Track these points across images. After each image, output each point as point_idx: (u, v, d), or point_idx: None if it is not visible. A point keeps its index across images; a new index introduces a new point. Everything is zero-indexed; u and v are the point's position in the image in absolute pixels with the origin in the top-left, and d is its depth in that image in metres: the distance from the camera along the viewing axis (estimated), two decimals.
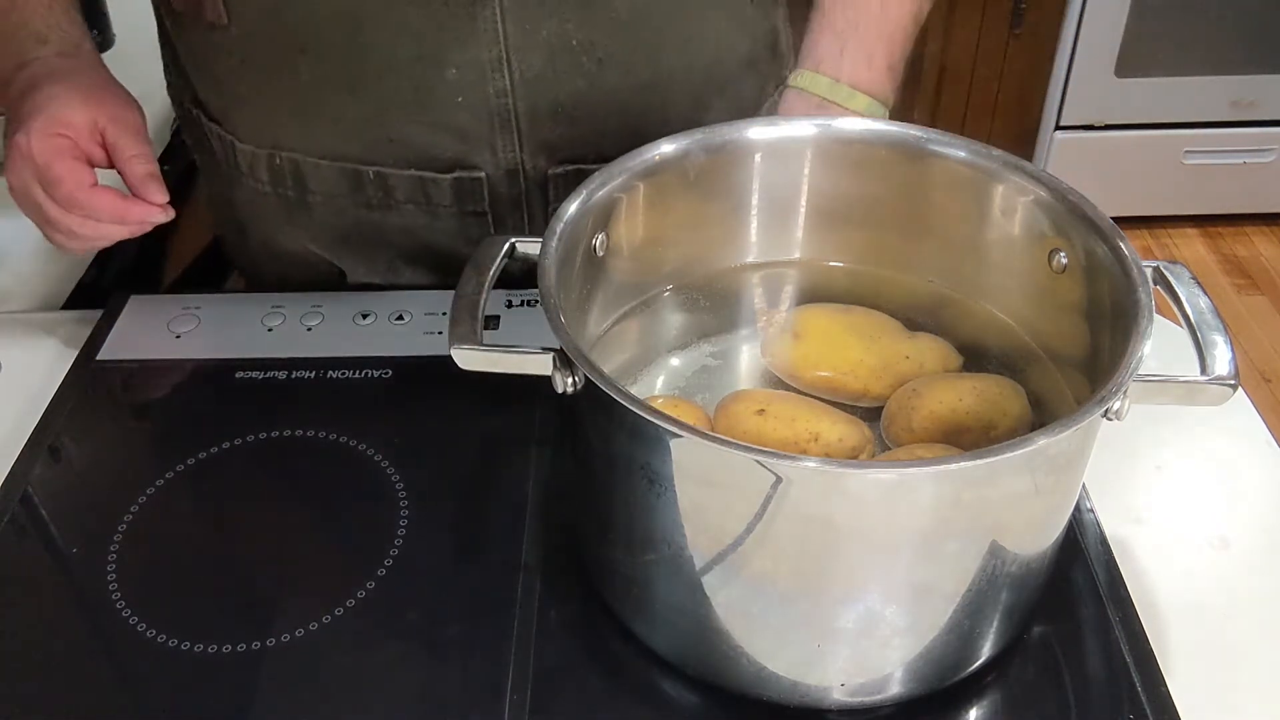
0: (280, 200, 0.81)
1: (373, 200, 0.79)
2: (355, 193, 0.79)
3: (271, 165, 0.79)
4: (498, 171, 0.78)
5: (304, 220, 0.82)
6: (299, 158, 0.78)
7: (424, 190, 0.78)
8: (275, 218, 0.83)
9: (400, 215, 0.80)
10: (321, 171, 0.78)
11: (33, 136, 0.69)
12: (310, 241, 0.84)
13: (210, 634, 0.59)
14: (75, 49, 0.76)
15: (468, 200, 0.79)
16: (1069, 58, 2.21)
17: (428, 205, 0.79)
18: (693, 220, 0.66)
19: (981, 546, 0.51)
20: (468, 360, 0.54)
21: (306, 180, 0.79)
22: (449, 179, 0.78)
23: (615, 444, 0.52)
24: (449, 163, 0.77)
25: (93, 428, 0.72)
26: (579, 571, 0.62)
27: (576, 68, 0.74)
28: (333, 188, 0.79)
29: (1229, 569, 0.65)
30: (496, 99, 0.74)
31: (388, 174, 0.78)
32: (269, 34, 0.73)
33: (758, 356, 0.66)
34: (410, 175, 0.78)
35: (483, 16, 0.70)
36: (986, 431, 0.59)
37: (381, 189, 0.79)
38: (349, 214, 0.81)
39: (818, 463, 0.48)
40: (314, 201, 0.80)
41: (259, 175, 0.81)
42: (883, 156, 0.65)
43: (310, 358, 0.76)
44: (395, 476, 0.68)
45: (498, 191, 0.79)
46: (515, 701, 0.56)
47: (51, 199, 0.70)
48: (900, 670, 0.55)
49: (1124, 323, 0.53)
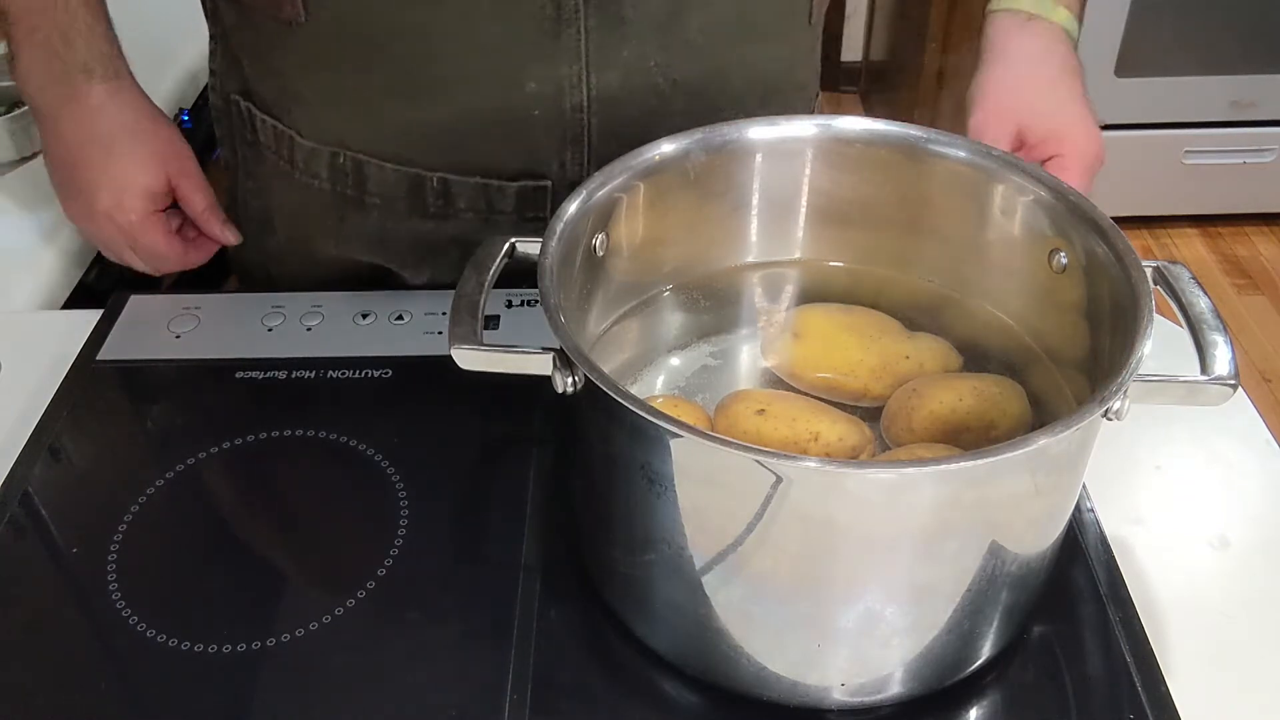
0: (336, 199, 0.81)
1: (432, 207, 0.80)
2: (414, 197, 0.79)
3: (334, 163, 0.79)
4: (563, 182, 0.78)
5: (356, 220, 0.82)
6: (363, 158, 0.78)
7: (487, 198, 0.79)
8: (324, 216, 0.83)
9: (458, 223, 0.80)
10: (385, 174, 0.79)
11: (133, 217, 0.79)
12: (357, 243, 0.83)
13: (210, 634, 0.59)
14: (117, 75, 0.79)
15: (529, 208, 0.79)
16: None
17: (489, 213, 0.80)
18: (693, 220, 0.66)
19: (981, 546, 0.51)
20: (468, 360, 0.54)
21: (368, 181, 0.79)
22: (514, 187, 0.78)
23: (615, 444, 0.52)
24: (516, 172, 0.78)
25: (93, 428, 0.72)
26: (579, 571, 0.62)
27: (651, 88, 0.75)
28: (393, 190, 0.79)
29: (1229, 569, 0.65)
30: (572, 114, 0.75)
31: (451, 181, 0.78)
32: (345, 35, 0.74)
33: (758, 356, 0.66)
34: (475, 183, 0.78)
35: (566, 34, 0.71)
36: (986, 431, 0.59)
37: (444, 196, 0.79)
38: (403, 219, 0.81)
39: (818, 463, 0.48)
40: (370, 203, 0.80)
41: (317, 172, 0.81)
42: (883, 156, 0.65)
43: (310, 358, 0.76)
44: (395, 476, 0.68)
45: (560, 199, 0.78)
46: (515, 701, 0.56)
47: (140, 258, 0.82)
48: (900, 670, 0.55)
49: (1124, 323, 0.53)
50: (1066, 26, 0.78)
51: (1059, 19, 0.78)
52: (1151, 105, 2.24)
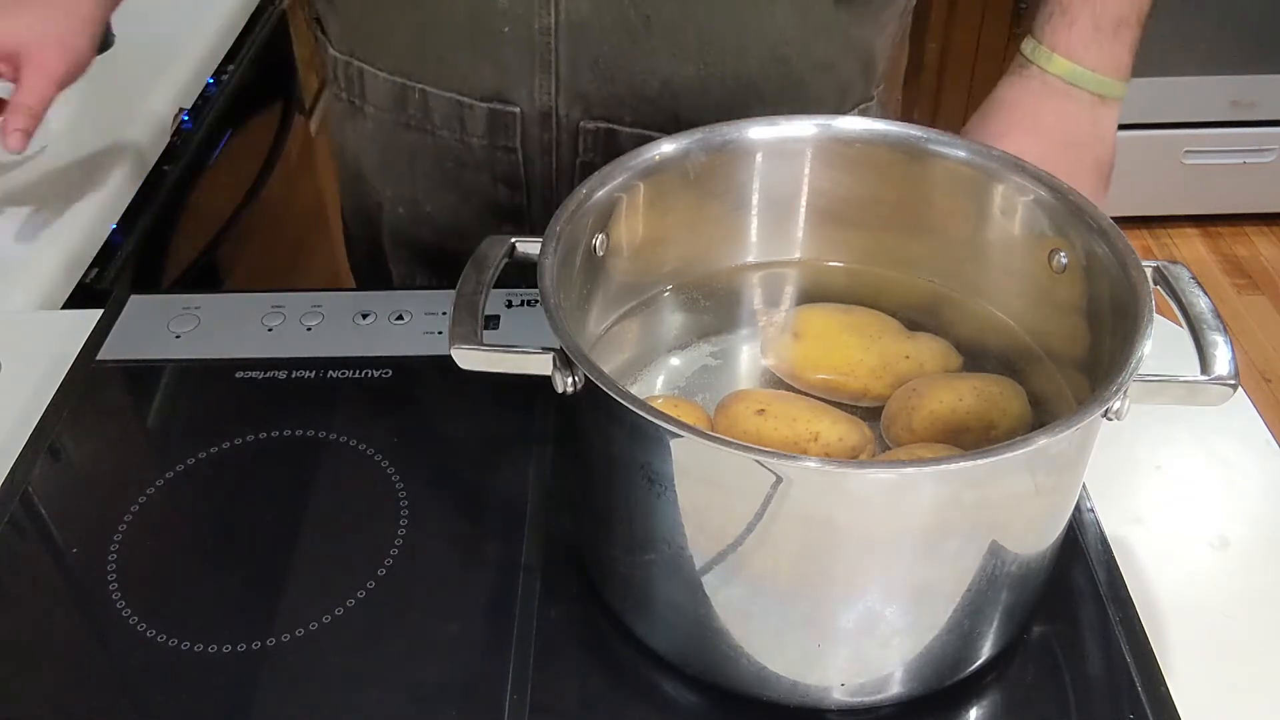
0: (349, 109, 0.85)
1: (413, 119, 0.82)
2: (399, 108, 0.82)
3: (347, 72, 0.83)
4: (532, 111, 0.79)
5: (360, 130, 0.85)
6: (364, 67, 0.82)
7: (460, 116, 0.80)
8: (345, 127, 0.87)
9: (435, 141, 0.82)
10: (378, 83, 0.82)
11: None
12: (363, 158, 0.87)
13: (210, 634, 0.59)
14: None
15: (500, 134, 0.80)
16: None
17: (462, 132, 0.81)
18: (693, 220, 0.66)
19: (981, 546, 0.51)
20: (468, 360, 0.54)
21: (366, 90, 0.83)
22: (485, 108, 0.79)
23: (615, 444, 0.52)
24: (487, 93, 0.79)
25: (93, 428, 0.72)
26: (579, 571, 0.62)
27: (622, 22, 0.74)
28: (383, 100, 0.82)
29: (1229, 569, 0.65)
30: (540, 36, 0.75)
31: (430, 93, 0.80)
32: None
33: (758, 356, 0.66)
34: (449, 98, 0.80)
35: None
36: (986, 431, 0.59)
37: (423, 108, 0.81)
38: (391, 131, 0.83)
39: (818, 463, 0.48)
40: (369, 112, 0.84)
41: (339, 80, 0.85)
42: (883, 156, 0.65)
43: (310, 358, 0.76)
44: (395, 476, 0.68)
45: (530, 132, 0.80)
46: (515, 701, 0.56)
47: None
48: (900, 670, 0.55)
49: (1124, 323, 0.53)
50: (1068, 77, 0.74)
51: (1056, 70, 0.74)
52: (1151, 105, 2.24)
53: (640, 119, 0.78)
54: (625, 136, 0.79)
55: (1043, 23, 0.75)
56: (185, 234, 1.13)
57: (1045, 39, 0.74)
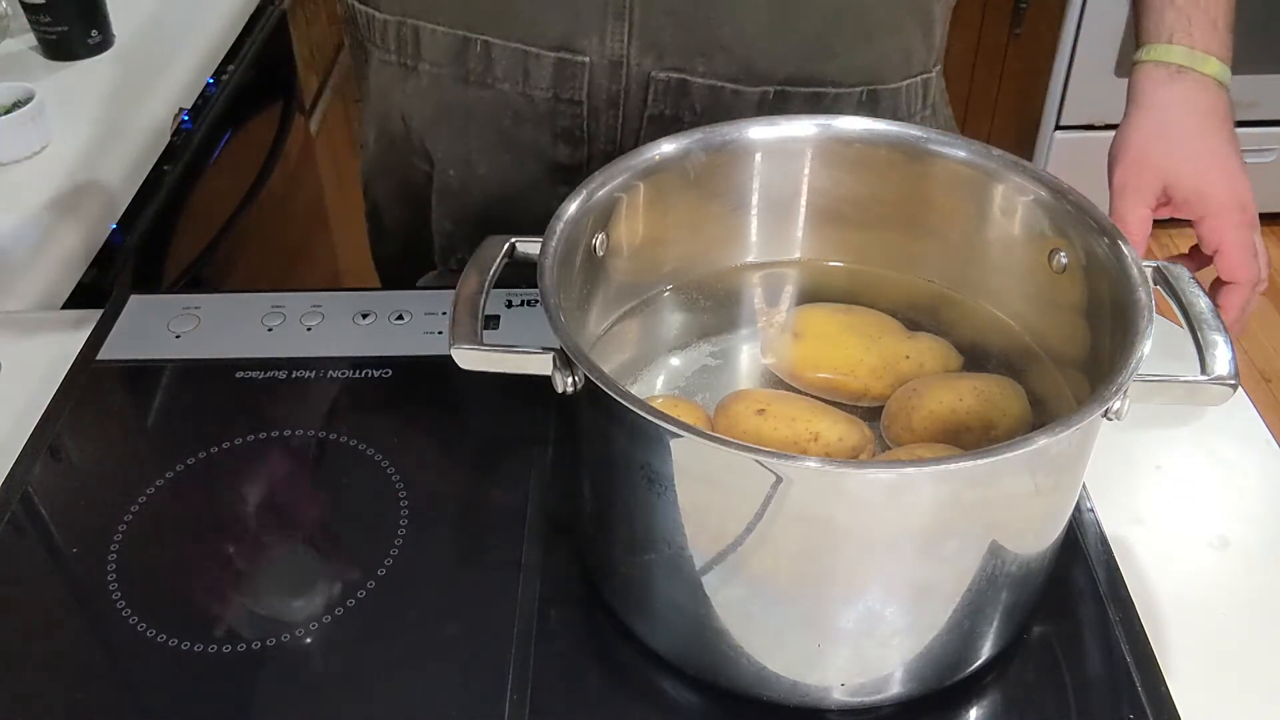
0: (400, 72, 0.84)
1: (472, 74, 0.80)
2: (458, 63, 0.80)
3: (399, 34, 0.82)
4: (601, 61, 0.77)
5: (413, 90, 0.84)
6: (420, 24, 0.80)
7: (524, 67, 0.78)
8: (393, 92, 0.86)
9: (494, 95, 0.80)
10: (436, 38, 0.80)
11: None
12: (414, 120, 0.86)
13: (210, 634, 0.59)
14: None
15: (566, 85, 0.78)
16: (1069, 58, 2.21)
17: (525, 84, 0.79)
18: (693, 220, 0.66)
19: (981, 546, 0.51)
20: (468, 360, 0.54)
21: (422, 48, 0.81)
22: (552, 57, 0.77)
23: (615, 444, 0.52)
24: (554, 42, 0.77)
25: (93, 428, 0.72)
26: (579, 571, 0.62)
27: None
28: (440, 55, 0.81)
29: (1229, 569, 0.65)
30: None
31: (493, 44, 0.78)
32: None
33: (758, 356, 0.66)
34: (514, 49, 0.78)
35: None
36: (986, 431, 0.59)
37: (485, 60, 0.79)
38: (448, 87, 0.82)
39: (818, 463, 0.48)
40: (423, 70, 0.82)
41: (389, 45, 0.83)
42: (883, 156, 0.65)
43: (310, 358, 0.76)
44: (395, 476, 0.68)
45: (598, 82, 0.78)
46: (515, 701, 0.56)
47: None
48: (900, 670, 0.55)
49: (1124, 323, 0.53)
50: (1219, 77, 0.76)
51: (1210, 70, 0.75)
52: None
53: (713, 69, 0.76)
54: (697, 88, 0.77)
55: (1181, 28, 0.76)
56: (185, 234, 1.13)
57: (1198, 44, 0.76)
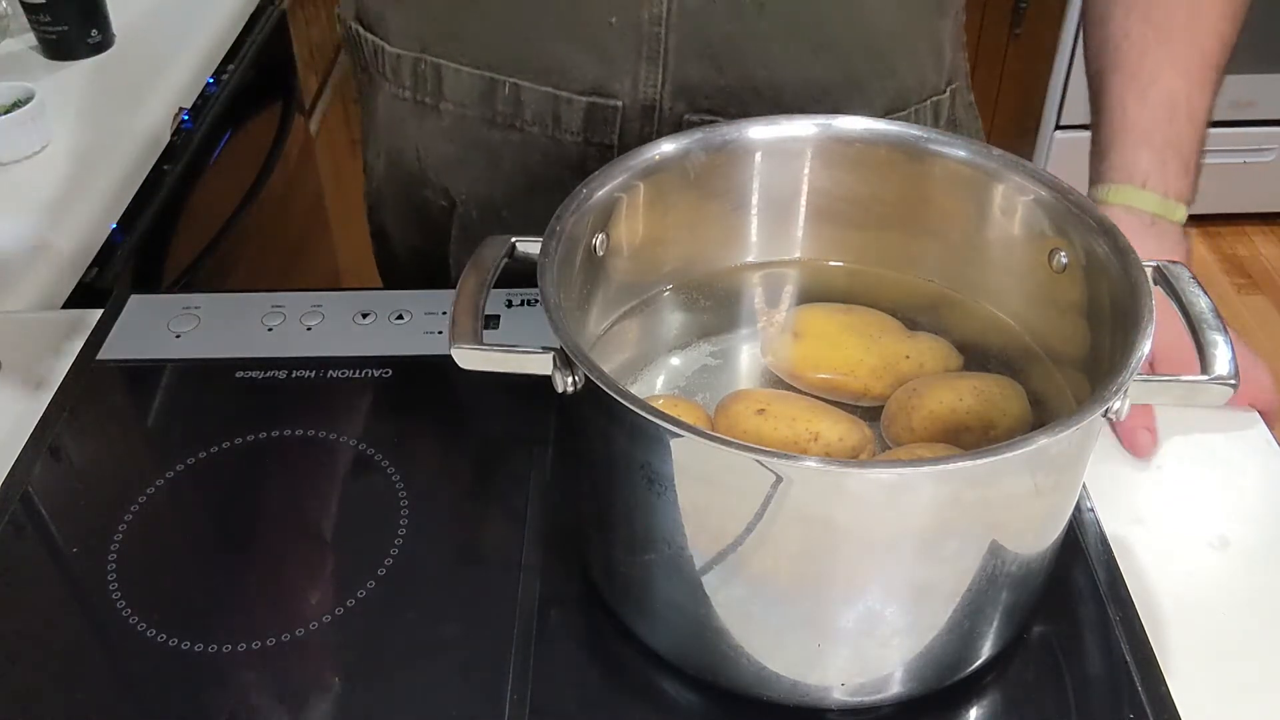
0: (416, 108, 0.82)
1: (500, 116, 0.79)
2: (485, 104, 0.79)
3: (416, 70, 0.80)
4: (634, 104, 0.77)
5: (432, 129, 0.82)
6: (442, 63, 0.79)
7: (555, 111, 0.78)
8: (407, 127, 0.84)
9: (523, 138, 0.79)
10: (460, 78, 0.79)
11: None
12: (430, 158, 0.84)
13: (210, 634, 0.59)
14: None
15: (597, 130, 0.78)
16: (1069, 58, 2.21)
17: (555, 128, 0.78)
18: (693, 220, 0.66)
19: (981, 546, 0.51)
20: (468, 360, 0.54)
21: (444, 87, 0.80)
22: (584, 101, 0.77)
23: (615, 444, 0.52)
24: (587, 86, 0.76)
25: (93, 428, 0.72)
26: (579, 571, 0.62)
27: (735, 9, 0.73)
28: (465, 96, 0.79)
29: (1229, 569, 0.65)
30: (649, 26, 0.73)
31: (523, 87, 0.77)
32: None
33: (758, 356, 0.66)
34: (545, 92, 0.77)
35: None
36: (986, 431, 0.59)
37: (514, 103, 0.78)
38: (473, 129, 0.81)
39: (818, 462, 0.48)
40: (445, 110, 0.81)
41: (402, 80, 0.82)
42: (883, 156, 0.65)
43: (310, 358, 0.76)
44: (395, 476, 0.68)
45: (630, 125, 0.78)
46: (515, 701, 0.56)
47: None
48: (900, 670, 0.55)
49: (1124, 323, 0.53)
50: (1183, 222, 0.75)
51: (1178, 218, 0.74)
52: None
53: (745, 111, 0.76)
54: None
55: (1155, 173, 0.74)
56: (185, 234, 1.14)
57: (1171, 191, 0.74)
